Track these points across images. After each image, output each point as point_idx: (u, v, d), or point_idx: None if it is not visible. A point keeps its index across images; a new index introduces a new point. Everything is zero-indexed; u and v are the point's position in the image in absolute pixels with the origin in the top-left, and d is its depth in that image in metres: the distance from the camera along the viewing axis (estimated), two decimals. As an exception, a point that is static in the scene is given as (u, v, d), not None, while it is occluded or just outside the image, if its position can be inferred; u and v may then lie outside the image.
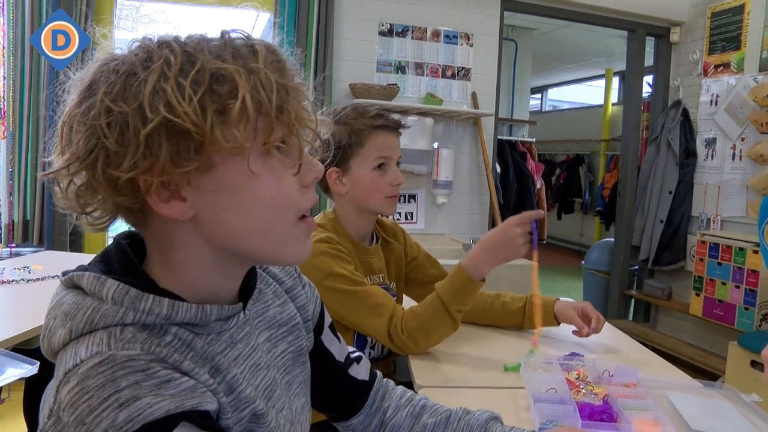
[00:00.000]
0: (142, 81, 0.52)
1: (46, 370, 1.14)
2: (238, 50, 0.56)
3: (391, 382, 0.92)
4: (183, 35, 0.57)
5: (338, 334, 0.87)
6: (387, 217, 1.54)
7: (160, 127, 0.51)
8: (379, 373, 0.92)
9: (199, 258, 0.60)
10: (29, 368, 1.14)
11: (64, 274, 0.59)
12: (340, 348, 0.85)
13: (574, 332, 1.48)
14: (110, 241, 0.65)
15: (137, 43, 0.55)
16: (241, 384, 0.60)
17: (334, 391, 0.85)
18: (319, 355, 0.82)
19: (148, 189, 0.54)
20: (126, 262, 0.59)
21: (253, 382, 0.65)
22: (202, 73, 0.53)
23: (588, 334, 1.45)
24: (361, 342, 1.42)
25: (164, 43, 0.55)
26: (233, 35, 0.57)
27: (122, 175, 0.52)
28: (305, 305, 0.79)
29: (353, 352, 0.88)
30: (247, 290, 0.67)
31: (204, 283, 0.61)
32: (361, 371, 0.87)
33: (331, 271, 1.31)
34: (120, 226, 0.62)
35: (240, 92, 0.53)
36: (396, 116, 1.50)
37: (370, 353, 1.45)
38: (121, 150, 0.52)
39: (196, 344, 0.57)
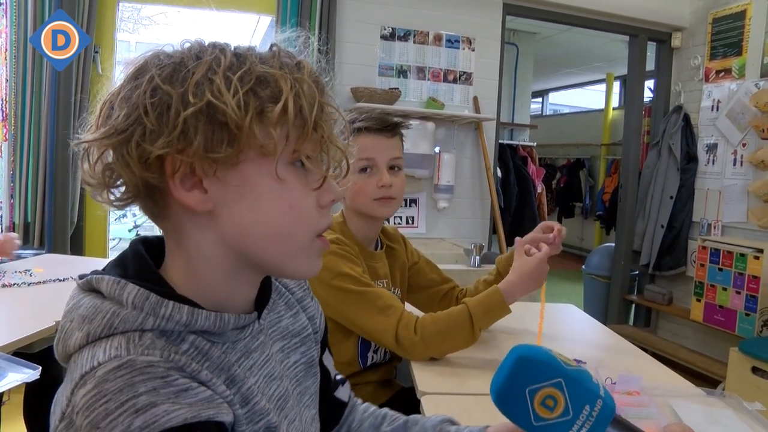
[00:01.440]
0: (190, 70, 0.54)
1: (46, 375, 1.13)
2: (285, 61, 0.58)
3: (359, 399, 0.93)
4: (232, 43, 0.59)
5: (332, 352, 0.88)
6: (384, 219, 1.51)
7: (200, 113, 0.53)
8: (351, 393, 0.93)
9: (214, 259, 0.60)
10: (31, 373, 1.13)
11: (81, 277, 0.59)
12: (332, 367, 0.87)
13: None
14: (111, 244, 0.65)
15: (188, 43, 0.58)
16: (255, 396, 0.60)
17: (321, 409, 0.84)
18: (320, 370, 0.82)
19: (174, 172, 0.55)
20: (143, 267, 0.59)
21: (267, 393, 0.65)
22: (249, 74, 0.55)
23: (553, 240, 1.42)
24: (364, 346, 1.42)
25: (216, 45, 0.58)
26: (282, 51, 0.59)
27: (155, 150, 0.54)
28: (314, 316, 0.80)
29: (337, 374, 0.90)
30: (262, 299, 0.67)
31: (219, 288, 0.61)
32: (344, 393, 0.89)
33: (339, 271, 1.31)
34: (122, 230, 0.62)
35: (283, 96, 0.55)
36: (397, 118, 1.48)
37: (372, 357, 1.45)
38: (158, 128, 0.54)
39: (213, 354, 0.57)
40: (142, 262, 0.60)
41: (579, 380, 0.50)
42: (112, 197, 0.59)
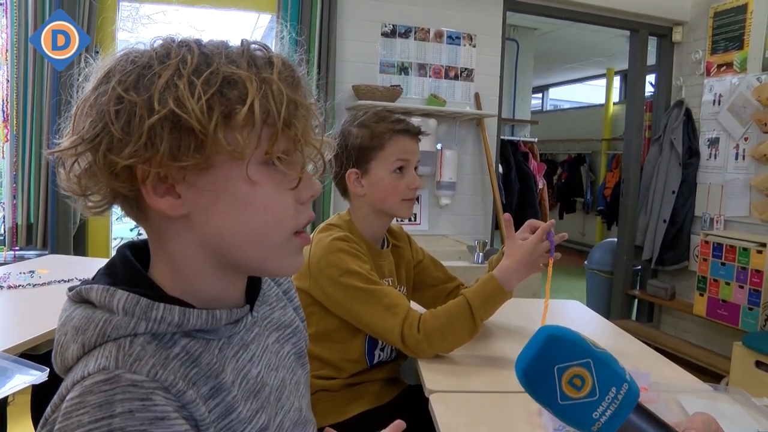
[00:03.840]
0: (155, 74, 0.53)
1: (54, 376, 1.13)
2: (255, 59, 0.57)
3: None
4: (204, 39, 0.58)
5: None
6: (402, 219, 1.53)
7: (164, 121, 0.52)
8: None
9: (196, 261, 0.60)
10: (38, 375, 1.13)
11: (71, 289, 0.59)
12: None
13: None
14: (114, 243, 0.65)
15: (159, 41, 0.57)
16: (238, 405, 0.59)
17: None
18: None
19: (144, 179, 0.55)
20: (132, 272, 0.59)
21: (270, 382, 0.66)
22: (215, 75, 0.54)
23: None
24: (371, 344, 1.43)
25: (184, 43, 0.56)
26: (252, 46, 0.58)
27: (121, 161, 0.53)
28: (299, 307, 0.81)
29: None
30: (253, 292, 0.68)
31: (206, 286, 0.61)
32: None
33: (347, 269, 1.32)
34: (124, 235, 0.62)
35: (249, 98, 0.54)
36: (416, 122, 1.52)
37: (379, 355, 1.45)
38: (125, 137, 0.53)
39: (203, 360, 0.57)
40: (131, 267, 0.60)
41: (607, 362, 0.51)
42: (90, 204, 0.59)
